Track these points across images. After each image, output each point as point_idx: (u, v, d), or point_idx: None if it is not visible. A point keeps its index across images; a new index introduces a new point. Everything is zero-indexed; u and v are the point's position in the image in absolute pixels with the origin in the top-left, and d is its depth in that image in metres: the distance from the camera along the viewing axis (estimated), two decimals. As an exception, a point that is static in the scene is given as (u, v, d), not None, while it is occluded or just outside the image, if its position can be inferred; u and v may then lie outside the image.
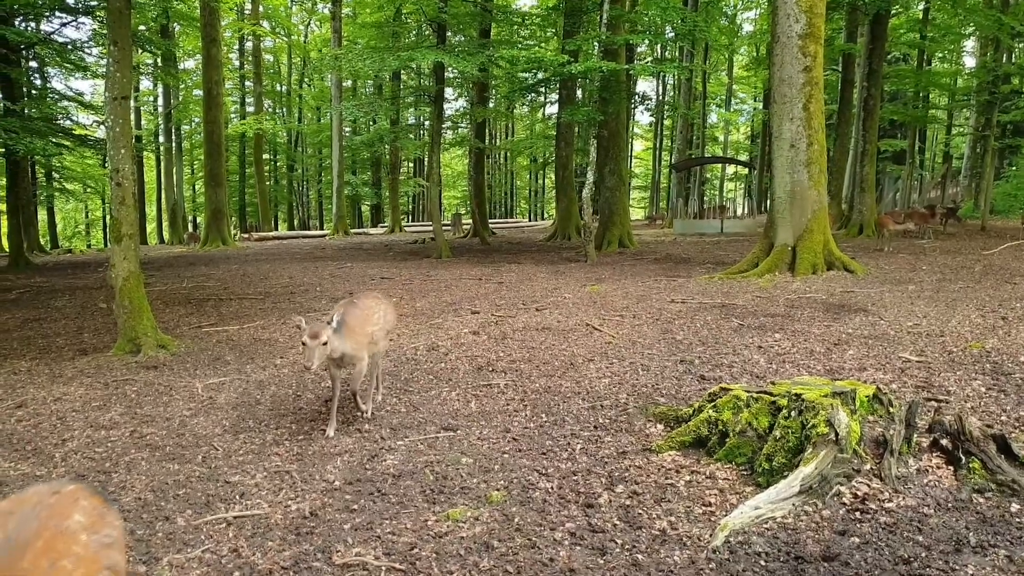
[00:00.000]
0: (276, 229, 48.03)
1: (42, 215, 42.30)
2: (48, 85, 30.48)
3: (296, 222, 55.37)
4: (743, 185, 57.10)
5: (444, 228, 24.92)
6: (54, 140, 22.37)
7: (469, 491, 4.36)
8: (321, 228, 49.10)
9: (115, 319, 9.19)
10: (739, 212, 44.29)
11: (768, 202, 17.70)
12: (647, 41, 28.62)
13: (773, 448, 4.27)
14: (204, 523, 4.07)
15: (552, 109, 40.09)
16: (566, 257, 20.21)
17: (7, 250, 27.60)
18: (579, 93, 26.28)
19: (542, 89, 27.42)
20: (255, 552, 3.69)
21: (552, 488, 4.31)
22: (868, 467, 4.11)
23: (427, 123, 32.66)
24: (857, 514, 3.73)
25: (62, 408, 6.58)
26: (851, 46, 25.71)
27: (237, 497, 4.44)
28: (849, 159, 26.49)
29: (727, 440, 4.58)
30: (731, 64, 51.19)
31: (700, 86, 43.62)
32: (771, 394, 4.63)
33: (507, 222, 47.75)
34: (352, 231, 38.09)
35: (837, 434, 4.06)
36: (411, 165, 53.26)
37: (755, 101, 53.01)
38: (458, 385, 6.86)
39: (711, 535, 3.60)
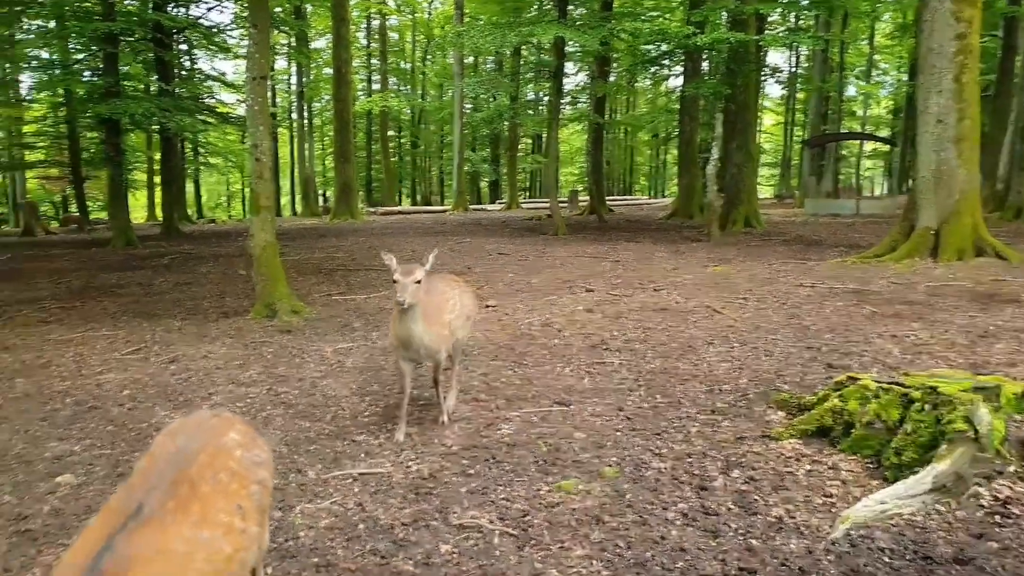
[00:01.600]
0: (399, 204, 49.56)
1: (189, 187, 45.47)
2: (195, 66, 32.56)
3: (418, 198, 56.89)
4: (883, 163, 53.71)
5: (560, 205, 24.92)
6: (200, 118, 24.00)
7: (581, 465, 4.41)
8: (442, 204, 50.24)
9: (253, 285, 9.82)
10: (877, 192, 41.79)
11: (910, 182, 16.60)
12: (779, 10, 27.23)
13: (903, 442, 4.07)
14: (332, 477, 4.34)
15: (676, 82, 39.03)
16: (687, 236, 19.78)
17: (160, 219, 29.91)
18: (705, 65, 25.49)
19: (666, 62, 26.74)
20: (378, 507, 3.91)
21: (665, 468, 4.30)
22: (1012, 469, 3.84)
23: (546, 99, 32.57)
24: (997, 518, 3.51)
25: (207, 365, 7.14)
26: (1015, 9, 23.37)
27: (362, 455, 4.70)
28: (1008, 135, 24.22)
29: (852, 431, 4.41)
30: (872, 32, 47.88)
31: (837, 57, 41.13)
32: (903, 386, 4.40)
33: (625, 200, 47.12)
34: (471, 207, 38.74)
35: (977, 431, 3.82)
36: (529, 142, 53.44)
37: (899, 72, 49.34)
38: (572, 361, 6.91)
39: (831, 527, 3.49)
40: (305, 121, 47.15)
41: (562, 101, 26.05)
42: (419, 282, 4.50)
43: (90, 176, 35.56)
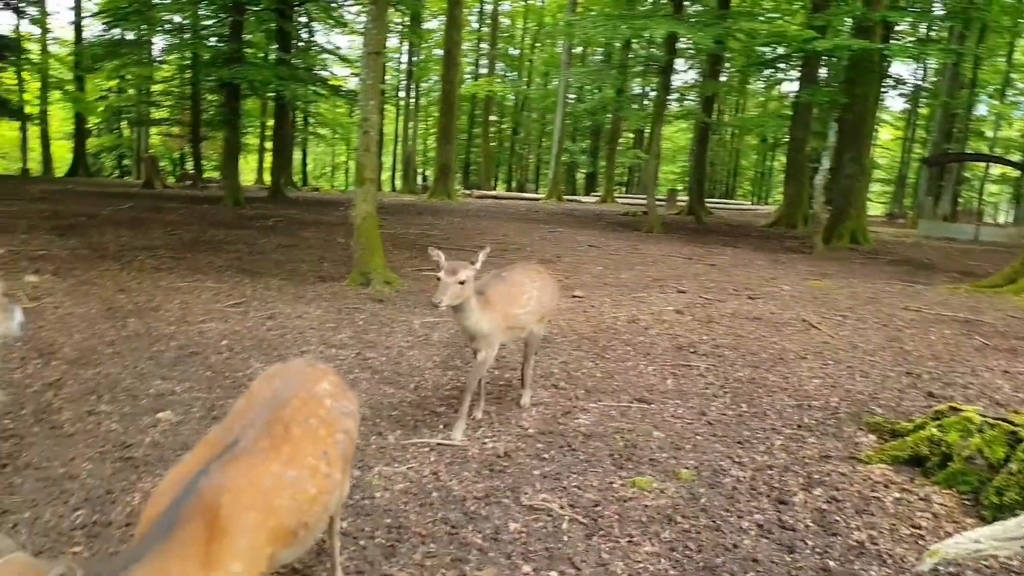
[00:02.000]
0: (494, 189, 49.92)
1: (297, 155, 47.09)
2: (313, 38, 33.63)
3: (513, 184, 57.16)
4: (1010, 189, 50.37)
5: (658, 203, 24.54)
6: (313, 88, 24.80)
7: (657, 464, 4.37)
8: (536, 192, 50.31)
9: (351, 254, 10.11)
10: (1000, 219, 39.28)
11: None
12: (909, 19, 25.85)
13: (1006, 482, 3.84)
14: (411, 444, 4.45)
15: (790, 87, 37.67)
16: (788, 247, 19.16)
17: (267, 184, 31.15)
18: (823, 72, 24.51)
19: (781, 65, 25.86)
20: (452, 479, 3.98)
21: (744, 477, 4.21)
22: None
23: (652, 94, 32.07)
24: (1100, 571, 3.29)
25: (302, 324, 7.43)
26: None
27: (441, 427, 4.79)
28: None
29: (949, 464, 4.19)
30: (1012, 49, 44.79)
31: (969, 72, 38.75)
32: (1012, 423, 4.15)
33: (726, 203, 45.98)
34: (565, 197, 38.65)
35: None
36: (631, 136, 52.79)
37: (1038, 93, 46.10)
38: (656, 360, 6.83)
39: (917, 559, 3.34)
40: (412, 100, 48.05)
41: (669, 97, 25.54)
42: (463, 283, 4.20)
43: (207, 136, 37.36)
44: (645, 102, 36.99)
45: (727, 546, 3.40)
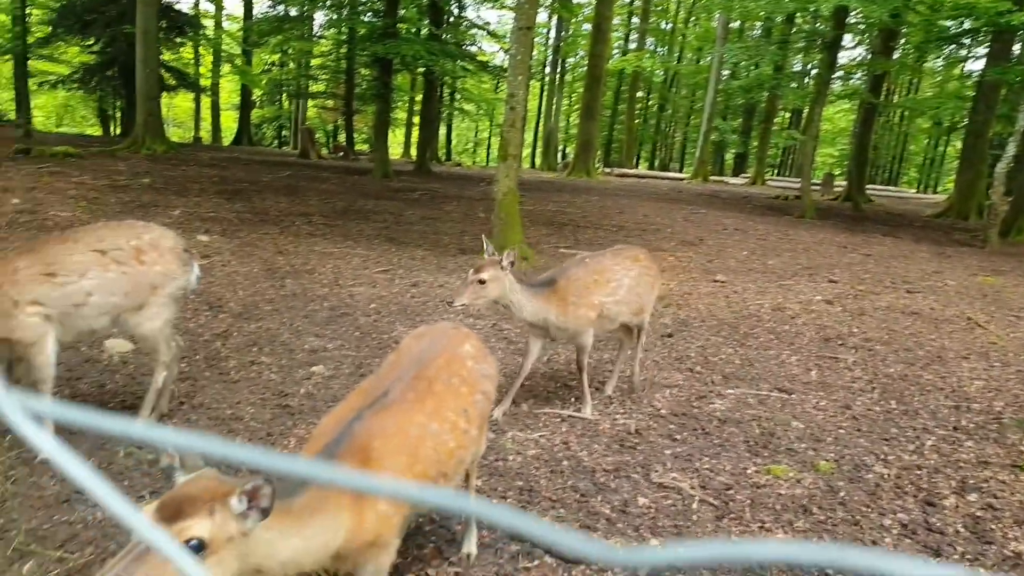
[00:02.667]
0: (636, 167, 49.17)
1: (441, 130, 48.35)
2: (463, 14, 34.25)
3: (657, 162, 56.04)
4: None
5: (813, 187, 23.33)
6: (462, 64, 25.28)
7: (795, 454, 4.23)
8: (680, 171, 49.07)
9: (491, 228, 10.33)
10: None
11: None
12: None
13: None
14: (543, 414, 4.55)
15: (975, 65, 34.48)
16: (957, 239, 17.72)
17: (413, 158, 32.24)
18: (1017, 48, 22.25)
19: (966, 41, 23.69)
20: (583, 450, 4.05)
21: (889, 475, 4.00)
22: None
23: (815, 72, 30.33)
24: None
25: (443, 293, 7.71)
26: None
27: (572, 400, 4.86)
28: None
29: None
30: None
31: None
32: None
33: (887, 190, 42.91)
34: (711, 178, 37.47)
35: None
36: (787, 116, 50.31)
37: None
38: (800, 351, 6.56)
39: (1081, 576, 3.08)
40: (557, 75, 48.01)
41: (833, 76, 24.05)
42: (483, 283, 3.94)
43: (359, 110, 39.02)
44: (806, 80, 35.11)
45: (866, 542, 3.27)
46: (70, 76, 34.22)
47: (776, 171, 53.50)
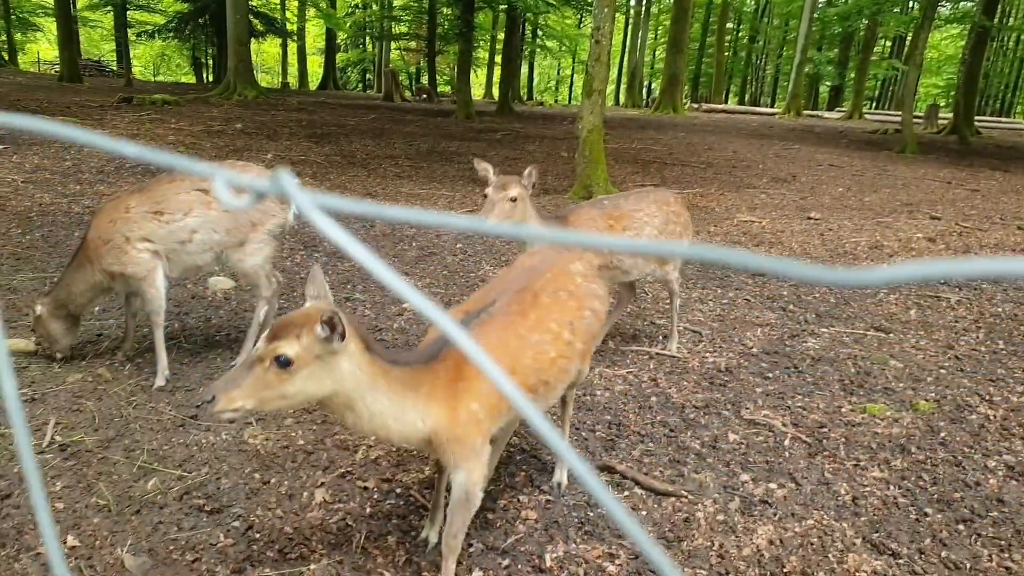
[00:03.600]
0: (725, 102, 47.43)
1: (523, 69, 47.69)
2: (547, -54, 33.39)
3: (747, 97, 53.87)
4: None
5: (915, 120, 22.02)
6: (543, -1, 24.74)
7: (892, 393, 4.13)
8: (771, 106, 47.07)
9: (574, 167, 10.24)
10: None
11: None
12: None
13: None
14: (630, 351, 4.57)
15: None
16: (1071, 172, 16.52)
17: (495, 98, 31.99)
18: None
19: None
20: (671, 387, 4.06)
21: (994, 416, 3.86)
22: None
23: (919, -5, 28.30)
24: None
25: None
26: None
27: (660, 338, 4.85)
28: None
29: None
30: None
31: None
32: None
33: (999, 122, 40.00)
34: (804, 112, 35.80)
35: None
36: (887, 44, 47.32)
37: None
38: (898, 289, 6.31)
39: None
40: (643, 8, 46.41)
41: (940, -2, 22.41)
42: (514, 200, 3.67)
43: (442, 51, 38.83)
44: (910, 4, 32.83)
45: (968, 483, 3.18)
46: (166, 25, 35.26)
47: (874, 104, 50.76)
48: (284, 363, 1.96)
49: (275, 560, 2.55)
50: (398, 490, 2.96)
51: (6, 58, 34.51)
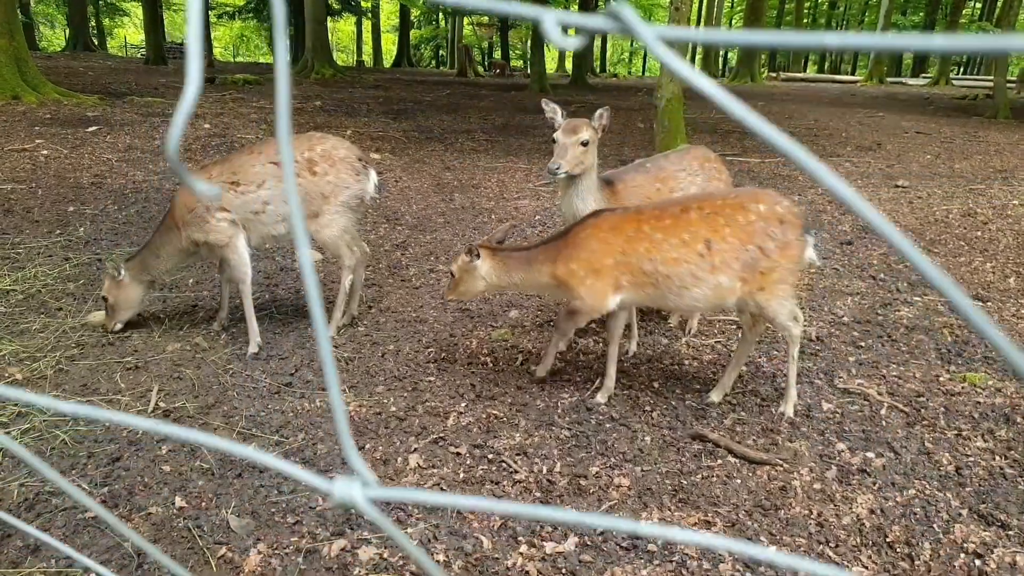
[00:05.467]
0: (805, 71, 45.77)
1: (596, 41, 47.01)
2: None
3: (827, 65, 51.87)
4: None
5: (1008, 84, 20.80)
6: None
7: (994, 362, 3.98)
8: (852, 74, 45.22)
9: (652, 137, 10.09)
10: None
11: None
12: None
13: None
14: (717, 320, 4.52)
15: None
16: None
17: (569, 71, 31.69)
18: None
19: None
20: (761, 356, 4.00)
21: (1107, 388, 3.68)
22: None
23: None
24: None
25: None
26: None
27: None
28: None
29: None
30: None
31: None
32: None
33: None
34: (888, 80, 34.26)
35: None
36: (976, 6, 44.73)
37: None
38: (995, 257, 6.05)
39: None
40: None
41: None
42: (585, 144, 3.43)
43: (514, 25, 38.67)
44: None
45: (1080, 455, 3.06)
46: (244, 6, 36.11)
47: (962, 70, 48.15)
48: (452, 274, 3.43)
49: (372, 524, 2.65)
50: (489, 456, 3.01)
51: (96, 43, 35.98)
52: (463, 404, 3.39)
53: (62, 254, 5.33)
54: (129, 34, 51.23)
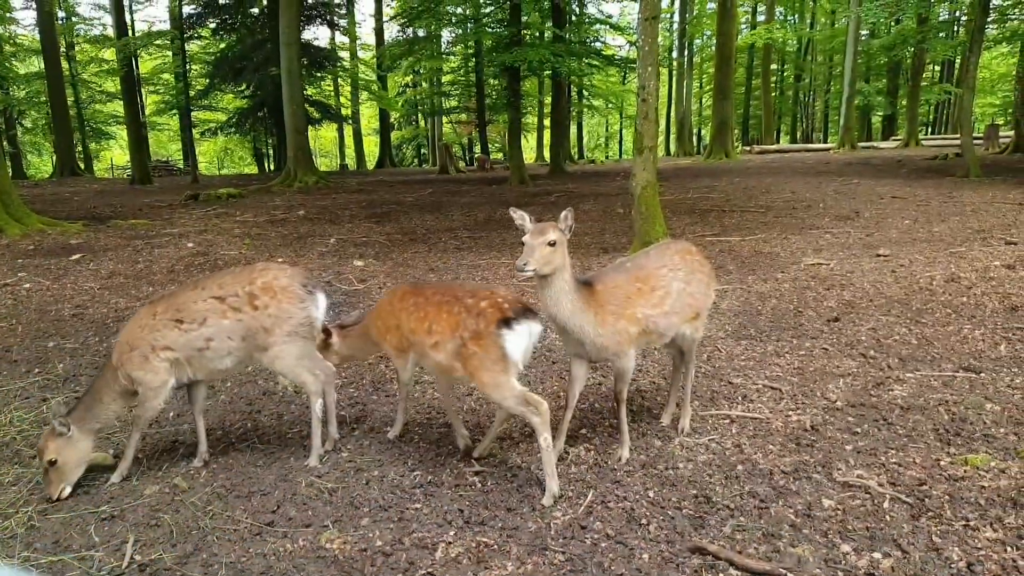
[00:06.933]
0: (777, 142, 47.03)
1: (572, 129, 48.35)
2: (585, 11, 34.10)
3: (798, 135, 53.32)
4: None
5: (975, 142, 21.36)
6: (587, 61, 25.22)
7: (993, 440, 3.88)
8: (824, 141, 46.41)
9: (631, 224, 10.20)
10: None
11: None
12: None
13: None
14: (709, 416, 4.42)
15: None
16: None
17: (546, 160, 32.43)
18: None
19: None
20: (756, 452, 3.89)
21: (1112, 459, 3.58)
22: None
23: (964, 19, 27.78)
24: None
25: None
26: None
27: (739, 398, 4.69)
28: None
29: None
30: None
31: None
32: None
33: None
34: (859, 145, 35.17)
35: None
36: (936, 69, 46.41)
37: None
38: (983, 324, 6.02)
39: None
40: (685, 59, 46.79)
41: (988, 20, 21.98)
42: (552, 244, 3.46)
43: (491, 120, 39.80)
44: (955, 28, 32.21)
45: (1094, 541, 2.93)
46: (227, 122, 37.16)
47: (930, 129, 49.59)
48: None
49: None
50: (482, 587, 2.87)
51: (82, 167, 36.72)
52: (451, 532, 3.25)
53: (39, 395, 5.23)
54: (115, 155, 52.40)
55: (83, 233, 12.72)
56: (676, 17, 46.96)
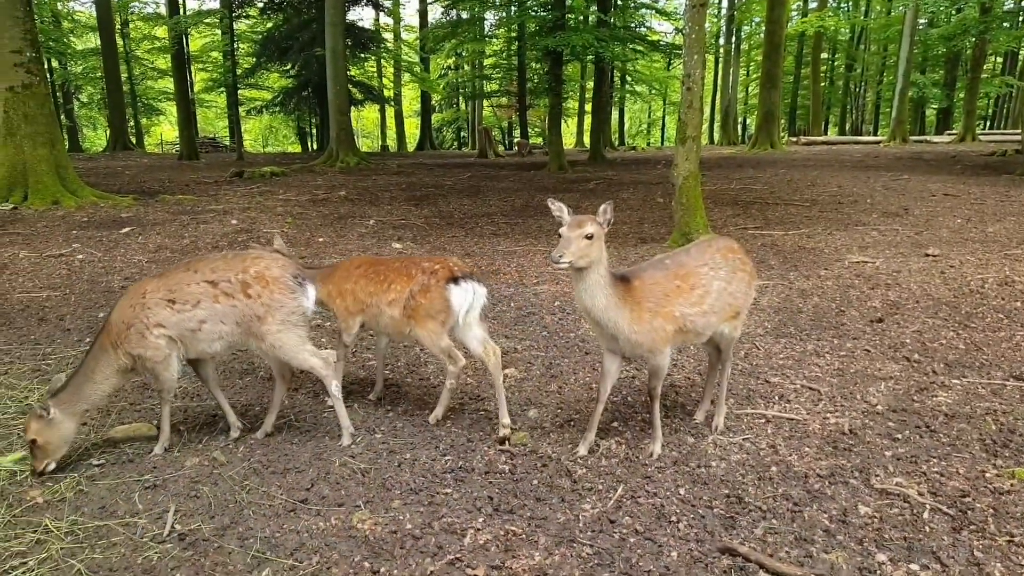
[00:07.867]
0: (825, 134, 45.99)
1: (614, 115, 47.91)
2: (630, -5, 33.68)
3: (847, 127, 52.10)
4: None
5: (1036, 138, 20.62)
6: (632, 46, 24.89)
7: (1043, 454, 3.76)
8: (874, 134, 45.31)
9: (672, 214, 10.08)
10: None
11: None
12: None
13: None
14: (745, 414, 4.36)
15: None
16: None
17: (587, 146, 32.19)
18: None
19: None
20: (792, 453, 3.82)
21: None
22: None
23: (1032, 8, 26.73)
24: None
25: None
26: None
27: (776, 398, 4.61)
28: None
29: None
30: None
31: None
32: None
33: None
34: (911, 138, 34.22)
35: None
36: (998, 61, 44.87)
37: None
38: (1035, 330, 5.83)
39: None
40: (732, 46, 45.97)
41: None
42: (590, 237, 3.42)
43: (532, 105, 39.61)
44: (1020, 18, 31.03)
45: None
46: (272, 100, 37.60)
47: (988, 124, 48.00)
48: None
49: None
50: None
51: (134, 142, 37.51)
52: (480, 519, 3.26)
53: (86, 365, 5.36)
54: (165, 131, 53.41)
55: (133, 207, 13.00)
56: (724, 3, 46.12)
